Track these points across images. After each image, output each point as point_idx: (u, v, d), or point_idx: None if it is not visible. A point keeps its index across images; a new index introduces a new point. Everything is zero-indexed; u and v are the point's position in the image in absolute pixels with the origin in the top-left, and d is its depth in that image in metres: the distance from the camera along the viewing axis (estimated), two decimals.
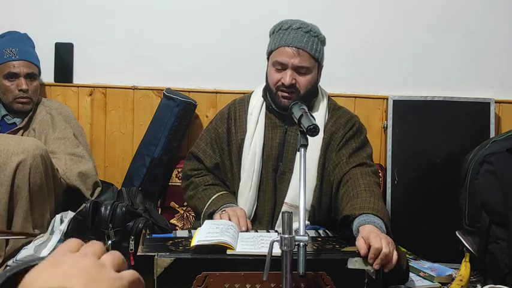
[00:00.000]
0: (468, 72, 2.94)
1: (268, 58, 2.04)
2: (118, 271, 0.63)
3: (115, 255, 0.65)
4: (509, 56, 2.92)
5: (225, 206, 1.97)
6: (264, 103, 2.08)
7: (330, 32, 2.82)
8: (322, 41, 2.03)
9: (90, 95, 3.02)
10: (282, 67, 1.97)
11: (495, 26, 2.90)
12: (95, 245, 0.65)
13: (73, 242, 0.65)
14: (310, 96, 2.02)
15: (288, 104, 1.96)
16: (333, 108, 2.11)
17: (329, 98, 2.14)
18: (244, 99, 2.17)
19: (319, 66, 2.04)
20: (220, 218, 1.88)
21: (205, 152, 2.14)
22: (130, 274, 0.63)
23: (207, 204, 2.01)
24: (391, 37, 2.93)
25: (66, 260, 0.61)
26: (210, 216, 1.97)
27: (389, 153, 2.85)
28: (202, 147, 2.15)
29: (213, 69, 2.98)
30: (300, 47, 1.94)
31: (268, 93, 2.05)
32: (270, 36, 2.05)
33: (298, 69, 1.96)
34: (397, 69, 2.95)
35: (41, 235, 2.25)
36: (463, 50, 2.92)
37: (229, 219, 1.85)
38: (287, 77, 1.95)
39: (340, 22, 2.92)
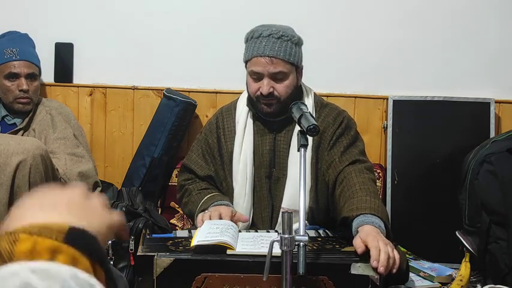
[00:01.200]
0: (468, 72, 2.93)
1: (245, 66, 2.02)
2: None
3: (103, 196, 0.61)
4: (509, 56, 2.92)
5: (215, 203, 1.96)
6: (250, 111, 2.07)
7: (330, 32, 2.84)
8: (297, 43, 1.99)
9: (90, 95, 3.02)
10: (258, 76, 1.95)
11: (495, 26, 2.90)
12: (80, 186, 0.61)
13: (54, 185, 0.60)
14: (293, 99, 1.97)
15: (270, 111, 1.96)
16: (320, 106, 2.08)
17: (315, 95, 2.11)
18: (230, 107, 2.15)
19: (298, 68, 2.01)
20: (202, 219, 1.85)
21: (197, 163, 2.12)
22: (118, 215, 0.60)
23: (199, 206, 2.01)
24: (391, 37, 2.93)
25: (49, 194, 0.57)
26: None
27: (389, 153, 2.85)
28: (194, 158, 2.14)
29: (213, 69, 2.97)
30: (272, 56, 1.92)
31: (251, 101, 2.04)
32: (244, 43, 2.03)
33: (274, 76, 1.94)
34: (397, 69, 2.94)
35: None
36: (463, 50, 2.92)
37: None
38: (264, 87, 1.93)
39: (340, 23, 2.92)
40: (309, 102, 2.04)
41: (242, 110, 2.08)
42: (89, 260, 0.48)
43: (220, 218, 1.84)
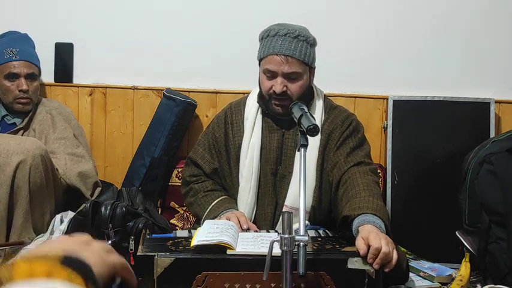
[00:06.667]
0: (468, 72, 2.93)
1: (259, 64, 2.03)
2: None
3: (104, 244, 0.65)
4: (509, 56, 2.92)
5: (225, 211, 1.97)
6: (260, 108, 2.08)
7: (331, 32, 2.84)
8: (312, 44, 2.00)
9: (90, 95, 3.02)
10: (272, 75, 1.96)
11: (495, 26, 2.90)
12: (83, 236, 0.65)
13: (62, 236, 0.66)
14: (305, 99, 2.00)
15: (281, 111, 1.96)
16: (330, 108, 2.10)
17: (325, 97, 2.13)
18: (240, 103, 2.16)
19: (311, 69, 2.02)
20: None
21: (203, 157, 2.13)
22: (120, 258, 0.64)
23: (207, 211, 2.02)
24: (392, 37, 2.93)
25: (53, 241, 0.62)
26: None
27: (389, 153, 2.85)
28: (200, 152, 2.15)
29: (213, 69, 2.97)
30: (288, 55, 1.93)
31: (262, 99, 2.05)
32: (259, 41, 2.04)
33: (288, 76, 1.95)
34: (397, 69, 2.95)
35: (40, 235, 2.26)
36: (463, 50, 2.92)
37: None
38: (278, 85, 1.94)
39: (341, 22, 2.92)
40: (319, 103, 2.07)
41: (252, 106, 2.09)
42: (84, 280, 0.51)
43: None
